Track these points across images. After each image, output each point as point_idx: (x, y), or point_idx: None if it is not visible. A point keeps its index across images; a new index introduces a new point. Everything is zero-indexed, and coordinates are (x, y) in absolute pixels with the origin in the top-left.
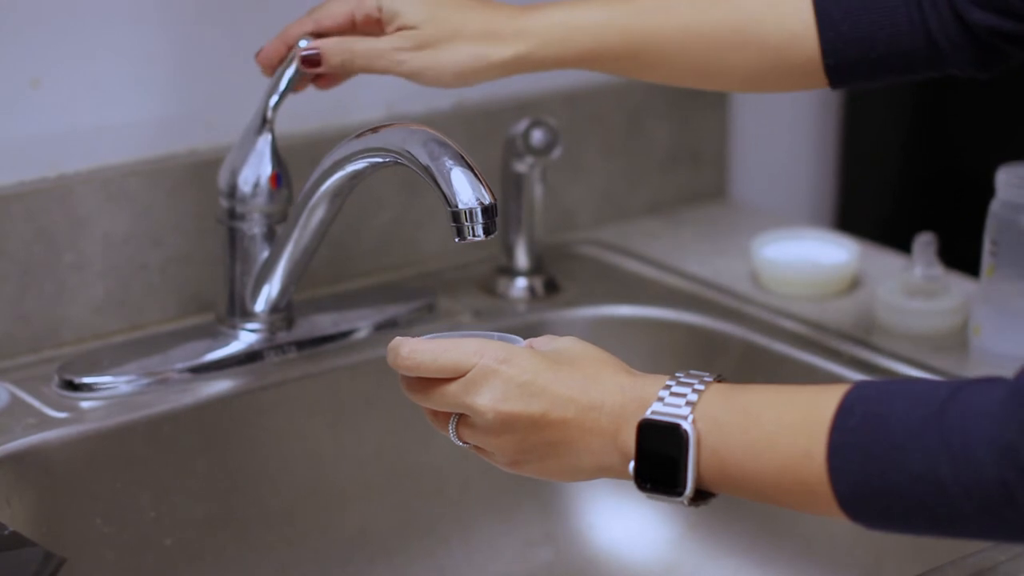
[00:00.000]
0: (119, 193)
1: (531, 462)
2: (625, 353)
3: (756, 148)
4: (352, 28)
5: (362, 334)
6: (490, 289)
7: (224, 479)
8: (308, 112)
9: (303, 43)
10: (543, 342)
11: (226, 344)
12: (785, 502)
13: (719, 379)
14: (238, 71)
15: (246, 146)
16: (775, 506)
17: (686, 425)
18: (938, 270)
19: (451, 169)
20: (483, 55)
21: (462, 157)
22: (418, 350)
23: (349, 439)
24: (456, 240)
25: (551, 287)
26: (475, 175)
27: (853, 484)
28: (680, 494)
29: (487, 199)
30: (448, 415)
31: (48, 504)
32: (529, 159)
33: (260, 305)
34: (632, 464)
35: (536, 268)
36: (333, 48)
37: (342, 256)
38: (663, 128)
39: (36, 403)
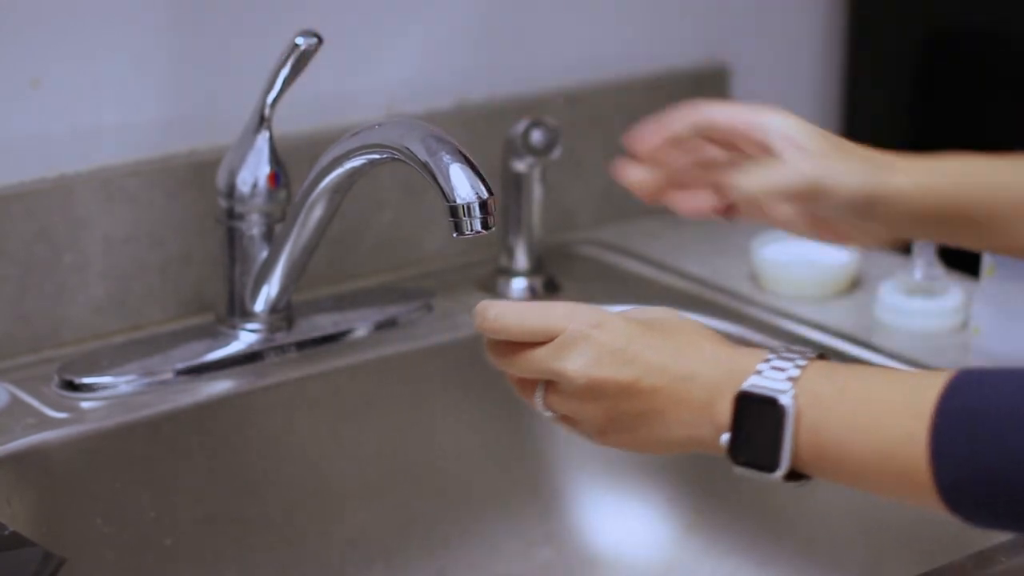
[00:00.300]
0: (119, 193)
1: (620, 432)
2: None
3: None
4: (731, 138)
5: (362, 334)
6: (490, 289)
7: (224, 479)
8: (308, 112)
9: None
10: (636, 312)
11: (226, 344)
12: (881, 488)
13: (820, 356)
14: (238, 71)
15: (244, 145)
16: (774, 504)
17: (785, 399)
18: (938, 270)
19: (449, 164)
20: (876, 177)
21: (460, 152)
22: (506, 313)
23: (349, 439)
24: (454, 235)
25: (551, 287)
26: (473, 170)
27: (954, 468)
28: (774, 471)
29: (485, 194)
30: (534, 383)
31: (48, 504)
32: (529, 159)
33: (260, 305)
34: (726, 437)
35: (536, 268)
36: (750, 180)
37: (342, 256)
38: None
39: (36, 403)
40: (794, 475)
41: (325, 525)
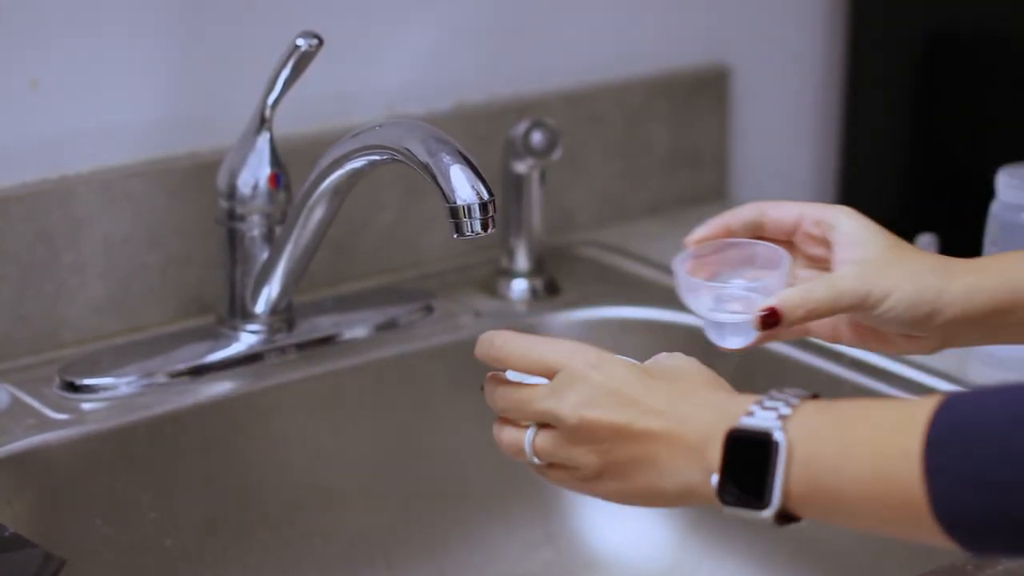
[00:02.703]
0: (119, 194)
1: (611, 479)
2: (624, 354)
3: (756, 148)
4: (791, 235)
5: (362, 335)
6: (490, 290)
7: (224, 480)
8: (309, 113)
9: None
10: (655, 360)
11: (227, 345)
12: (876, 515)
13: (813, 396)
14: (238, 72)
15: (245, 147)
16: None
17: (777, 435)
18: None
19: (450, 165)
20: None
21: (460, 153)
22: (511, 342)
23: (349, 440)
24: (454, 236)
25: (551, 288)
26: (473, 171)
27: (949, 483)
28: (764, 509)
29: (485, 195)
30: (523, 428)
31: (48, 505)
32: (529, 160)
33: (260, 306)
34: (715, 478)
35: (536, 269)
36: (793, 303)
37: (342, 258)
38: (663, 129)
39: (37, 404)
40: (785, 517)
41: (325, 525)
